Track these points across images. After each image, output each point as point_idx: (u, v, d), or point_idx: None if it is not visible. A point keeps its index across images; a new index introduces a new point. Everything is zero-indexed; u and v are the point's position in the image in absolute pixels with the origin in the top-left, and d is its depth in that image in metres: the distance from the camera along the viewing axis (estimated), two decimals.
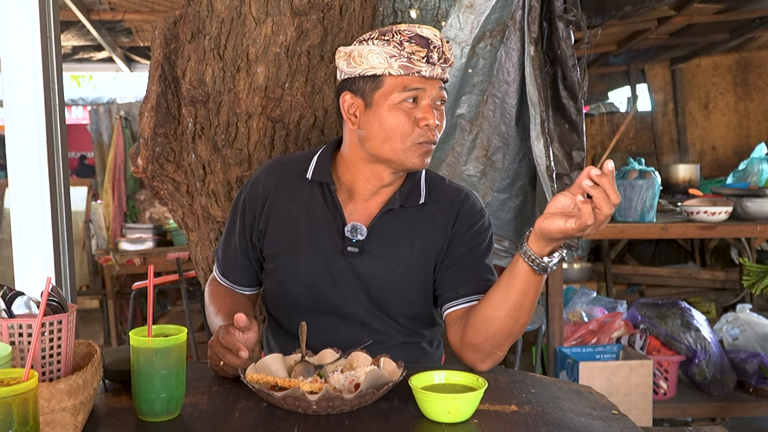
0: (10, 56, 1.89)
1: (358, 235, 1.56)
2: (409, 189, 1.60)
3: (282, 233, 1.61)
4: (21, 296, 1.17)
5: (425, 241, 1.59)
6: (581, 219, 1.23)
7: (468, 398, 1.17)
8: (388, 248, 1.57)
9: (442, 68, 1.48)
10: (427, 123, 1.48)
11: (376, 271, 1.56)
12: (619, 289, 5.66)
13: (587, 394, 1.36)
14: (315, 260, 1.58)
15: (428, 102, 1.48)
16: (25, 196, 1.92)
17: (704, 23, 5.29)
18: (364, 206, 1.60)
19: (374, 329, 1.59)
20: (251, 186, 1.66)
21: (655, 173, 3.36)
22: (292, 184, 1.63)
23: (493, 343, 1.44)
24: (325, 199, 1.60)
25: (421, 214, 1.60)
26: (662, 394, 3.38)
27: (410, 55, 1.45)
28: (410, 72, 1.46)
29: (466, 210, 1.62)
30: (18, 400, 0.91)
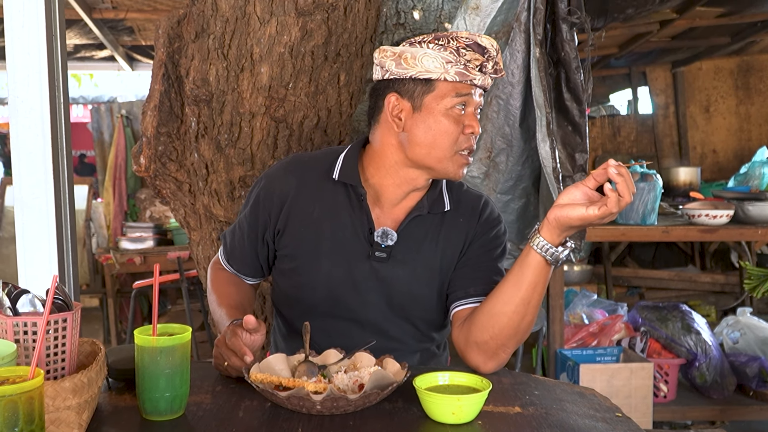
0: (16, 54, 1.89)
1: (389, 240, 1.54)
2: (435, 195, 1.60)
3: (302, 234, 1.57)
4: (26, 294, 1.17)
5: (447, 245, 1.59)
6: (607, 206, 1.28)
7: (472, 399, 1.17)
8: (413, 253, 1.56)
9: (491, 78, 1.49)
10: (472, 130, 1.48)
11: (402, 276, 1.55)
12: (619, 292, 5.66)
13: (590, 396, 1.36)
14: (337, 264, 1.55)
15: (472, 110, 1.49)
16: (28, 194, 1.92)
17: (706, 26, 5.29)
18: (391, 211, 1.58)
19: (391, 336, 1.58)
20: (267, 182, 1.62)
21: (656, 176, 3.36)
22: (315, 184, 1.58)
23: (498, 342, 1.43)
24: (350, 202, 1.56)
25: (444, 219, 1.60)
26: (662, 397, 3.38)
27: (467, 62, 1.45)
28: (465, 79, 1.45)
29: (486, 216, 1.63)
30: (24, 398, 0.91)
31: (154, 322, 1.19)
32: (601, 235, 3.35)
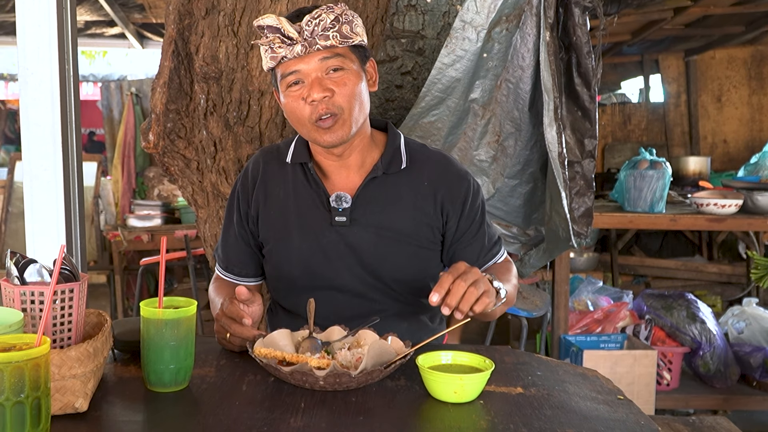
0: (26, 27, 1.89)
1: (343, 203, 1.59)
2: (390, 156, 1.62)
3: (272, 217, 1.65)
4: (33, 264, 1.18)
5: (414, 208, 1.61)
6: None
7: (474, 379, 1.18)
8: (376, 216, 1.60)
9: (303, 44, 1.45)
10: (311, 99, 1.48)
11: (367, 238, 1.59)
12: (625, 280, 5.65)
13: (593, 378, 1.36)
14: (306, 238, 1.61)
15: (313, 77, 1.48)
16: (38, 167, 1.92)
17: (720, 15, 5.23)
18: (347, 178, 1.62)
19: (371, 299, 1.62)
20: (242, 176, 1.72)
21: (666, 164, 3.35)
22: (277, 170, 1.67)
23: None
24: (306, 179, 1.64)
25: (407, 181, 1.62)
26: (665, 385, 3.38)
27: (271, 44, 1.47)
28: (277, 59, 1.48)
29: (452, 175, 1.65)
30: (30, 364, 0.92)
31: (160, 294, 1.20)
32: (608, 223, 3.34)
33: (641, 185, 3.30)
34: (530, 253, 2.92)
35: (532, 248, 2.94)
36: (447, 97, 2.49)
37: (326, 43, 1.46)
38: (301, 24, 1.45)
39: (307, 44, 1.45)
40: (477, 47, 2.44)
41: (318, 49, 1.46)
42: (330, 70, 1.48)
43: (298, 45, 1.45)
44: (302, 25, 1.45)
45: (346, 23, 1.48)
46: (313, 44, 1.45)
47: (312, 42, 1.45)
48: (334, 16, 1.45)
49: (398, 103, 2.80)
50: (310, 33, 1.45)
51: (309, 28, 1.44)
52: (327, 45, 1.46)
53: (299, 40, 1.45)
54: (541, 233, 2.91)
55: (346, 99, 1.49)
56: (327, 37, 1.45)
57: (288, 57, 1.46)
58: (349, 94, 1.49)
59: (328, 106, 1.48)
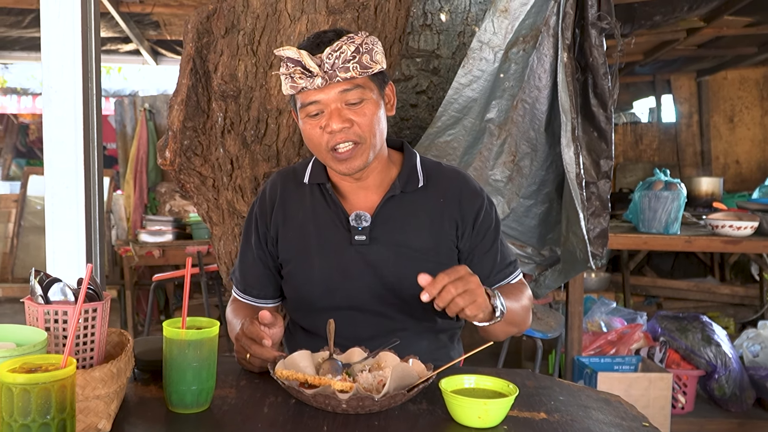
0: (51, 44, 1.90)
1: (363, 222, 1.59)
2: (407, 174, 1.63)
3: (292, 238, 1.65)
4: (57, 283, 1.17)
5: (432, 226, 1.62)
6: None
7: (499, 404, 1.17)
8: (395, 234, 1.60)
9: (323, 77, 1.45)
10: (330, 129, 1.48)
11: (387, 256, 1.59)
12: (637, 301, 5.62)
13: (616, 404, 1.34)
14: (326, 257, 1.61)
15: (333, 107, 1.48)
16: (59, 185, 1.93)
17: (733, 36, 5.24)
18: (366, 198, 1.63)
19: (391, 318, 1.62)
20: (260, 199, 1.73)
21: (680, 185, 3.34)
22: (295, 191, 1.68)
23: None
24: (325, 199, 1.64)
25: (424, 199, 1.63)
26: (680, 409, 3.35)
27: (291, 74, 1.48)
28: (297, 89, 1.49)
29: (467, 194, 1.66)
30: (57, 386, 0.91)
31: (183, 315, 1.19)
32: (623, 243, 3.33)
33: (656, 206, 3.28)
34: (545, 274, 2.91)
35: (547, 269, 2.92)
36: (463, 116, 2.49)
37: (346, 75, 1.46)
38: (322, 56, 1.45)
39: (328, 77, 1.45)
40: (494, 67, 2.44)
41: (338, 81, 1.46)
42: (353, 101, 1.49)
43: (318, 78, 1.45)
44: (323, 58, 1.45)
45: (366, 52, 1.47)
46: (333, 77, 1.45)
47: (332, 75, 1.45)
48: (355, 47, 1.46)
49: (413, 122, 2.81)
50: (330, 66, 1.45)
51: (329, 61, 1.45)
52: (347, 77, 1.46)
53: (319, 74, 1.45)
54: (556, 254, 2.90)
55: (365, 129, 1.50)
56: (347, 69, 1.45)
57: (308, 88, 1.47)
58: (368, 124, 1.50)
59: (347, 135, 1.49)
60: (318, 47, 1.47)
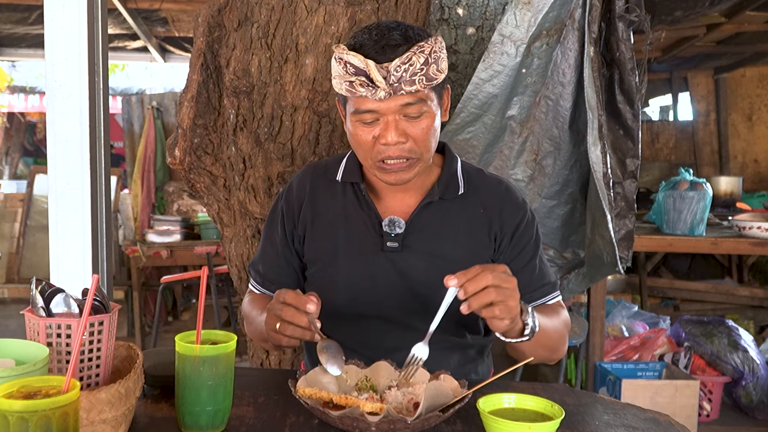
0: (55, 36, 1.79)
1: (396, 228, 1.50)
2: (447, 180, 1.53)
3: (319, 238, 1.56)
4: (60, 293, 1.08)
5: (469, 237, 1.52)
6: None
7: (545, 428, 1.06)
8: (429, 243, 1.50)
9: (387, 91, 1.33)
10: (385, 141, 1.37)
11: (419, 266, 1.49)
12: (653, 303, 5.50)
13: (666, 424, 1.24)
14: (354, 262, 1.52)
15: (391, 117, 1.37)
16: (64, 184, 1.83)
17: (753, 32, 5.13)
18: (401, 201, 1.53)
19: (419, 330, 1.49)
20: (286, 193, 1.62)
21: (706, 185, 3.23)
22: (325, 189, 1.59)
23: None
24: (357, 200, 1.55)
25: (463, 208, 1.53)
26: (705, 416, 3.24)
27: (350, 80, 1.35)
28: (355, 95, 1.36)
29: (510, 205, 1.55)
30: (58, 413, 0.82)
31: (198, 329, 1.09)
32: (647, 246, 3.22)
33: (681, 207, 3.17)
34: (569, 278, 2.80)
35: (570, 272, 2.82)
36: (483, 113, 2.40)
37: (411, 88, 1.34)
38: (389, 68, 1.32)
39: (392, 90, 1.33)
40: (516, 62, 2.34)
41: (402, 94, 1.34)
42: (409, 115, 1.38)
43: (381, 91, 1.33)
44: (390, 69, 1.32)
45: (434, 62, 1.35)
46: (398, 90, 1.33)
47: (397, 88, 1.33)
48: (424, 58, 1.34)
49: None
50: (396, 79, 1.33)
51: (397, 74, 1.32)
52: (411, 90, 1.34)
53: (384, 87, 1.33)
54: (579, 256, 2.79)
55: (420, 144, 1.40)
56: (413, 82, 1.34)
57: (368, 97, 1.35)
58: (424, 139, 1.40)
59: (401, 151, 1.38)
60: (384, 54, 1.34)
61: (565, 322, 1.53)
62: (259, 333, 1.54)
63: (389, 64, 1.33)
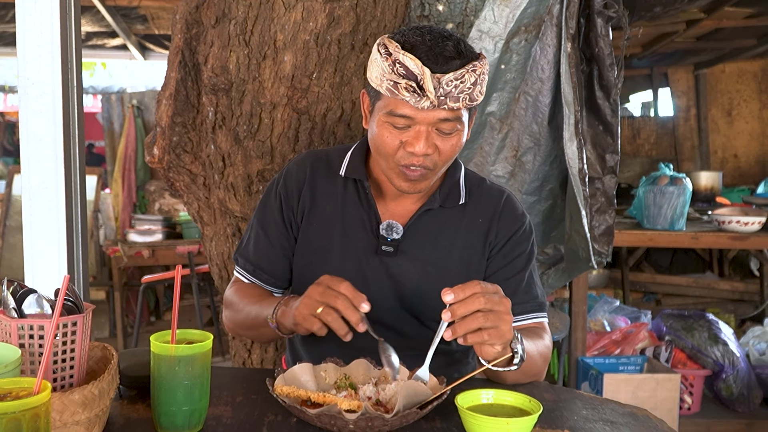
0: (27, 33, 1.76)
1: (393, 233, 1.48)
2: (448, 188, 1.52)
3: (315, 231, 1.54)
4: (32, 294, 1.06)
5: (464, 246, 1.51)
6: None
7: (523, 423, 1.06)
8: (425, 249, 1.49)
9: (432, 102, 1.30)
10: (412, 150, 1.35)
11: (411, 272, 1.48)
12: (636, 297, 5.54)
13: (644, 418, 1.24)
14: (347, 260, 1.50)
15: (424, 127, 1.34)
16: (38, 183, 1.80)
17: (732, 28, 5.17)
18: (402, 205, 1.52)
19: (405, 335, 1.50)
20: (285, 178, 1.58)
21: (686, 180, 3.25)
22: (326, 181, 1.55)
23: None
24: (359, 197, 1.52)
25: (462, 217, 1.52)
26: (686, 409, 3.27)
27: (396, 81, 1.31)
28: (396, 97, 1.32)
29: (507, 215, 1.53)
30: (28, 415, 0.80)
31: (173, 328, 1.08)
32: (628, 241, 3.24)
33: (661, 202, 3.19)
34: (549, 273, 2.81)
35: (551, 267, 2.83)
36: None
37: (454, 105, 1.31)
38: (442, 80, 1.29)
39: (436, 103, 1.30)
40: (494, 58, 2.35)
41: (444, 108, 1.32)
42: (444, 126, 1.35)
43: (427, 101, 1.30)
44: (442, 82, 1.29)
45: (479, 84, 1.34)
46: (442, 104, 1.31)
47: (442, 102, 1.30)
48: (474, 79, 1.31)
49: None
50: (445, 93, 1.30)
51: (447, 88, 1.29)
52: (454, 107, 1.32)
53: (432, 98, 1.30)
54: (560, 252, 2.80)
55: (444, 159, 1.39)
56: (457, 99, 1.31)
57: (410, 103, 1.31)
58: (449, 155, 1.39)
59: (425, 161, 1.36)
60: (438, 64, 1.30)
61: (548, 346, 1.50)
62: (244, 322, 1.52)
63: (442, 76, 1.29)
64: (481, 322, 1.16)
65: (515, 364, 1.26)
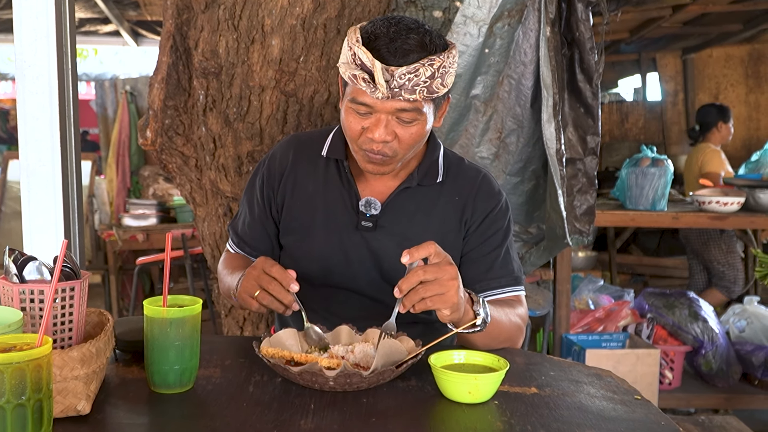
0: (23, 17, 1.83)
1: (372, 209, 1.55)
2: (426, 167, 1.58)
3: (298, 209, 1.60)
4: (33, 261, 1.13)
5: (441, 222, 1.58)
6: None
7: (489, 379, 1.14)
8: (402, 225, 1.56)
9: (387, 94, 1.33)
10: (371, 136, 1.40)
11: (390, 246, 1.54)
12: (623, 279, 5.63)
13: (608, 379, 1.33)
14: (328, 236, 1.57)
15: (384, 116, 1.39)
16: (35, 162, 1.88)
17: (718, 13, 5.23)
18: (381, 183, 1.58)
19: (387, 305, 1.56)
20: (269, 160, 1.66)
21: (667, 161, 3.33)
22: (309, 161, 1.62)
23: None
24: (340, 176, 1.59)
25: (439, 195, 1.58)
26: (667, 384, 3.36)
27: (356, 72, 1.35)
28: (356, 85, 1.37)
29: (484, 193, 1.60)
30: (31, 365, 0.88)
31: (165, 292, 1.16)
32: (609, 220, 3.32)
33: (643, 183, 3.27)
34: (531, 251, 2.89)
35: (534, 246, 2.91)
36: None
37: (410, 96, 1.35)
38: (395, 73, 1.32)
39: (391, 94, 1.34)
40: (478, 42, 2.41)
41: (399, 99, 1.36)
42: (404, 115, 1.39)
43: (380, 93, 1.34)
44: (394, 75, 1.32)
45: (439, 77, 1.36)
46: (397, 95, 1.35)
47: (396, 93, 1.34)
48: (431, 72, 1.34)
49: None
50: (399, 85, 1.33)
51: (400, 81, 1.33)
52: (410, 98, 1.35)
53: (384, 91, 1.33)
54: (543, 231, 2.88)
55: (405, 147, 1.43)
56: (413, 92, 1.35)
57: (367, 92, 1.36)
58: (410, 143, 1.43)
59: (384, 148, 1.42)
60: (394, 57, 1.33)
61: (521, 316, 1.54)
62: (225, 290, 1.62)
63: (395, 69, 1.32)
64: (422, 293, 1.22)
65: (478, 326, 1.33)
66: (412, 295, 1.23)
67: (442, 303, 1.23)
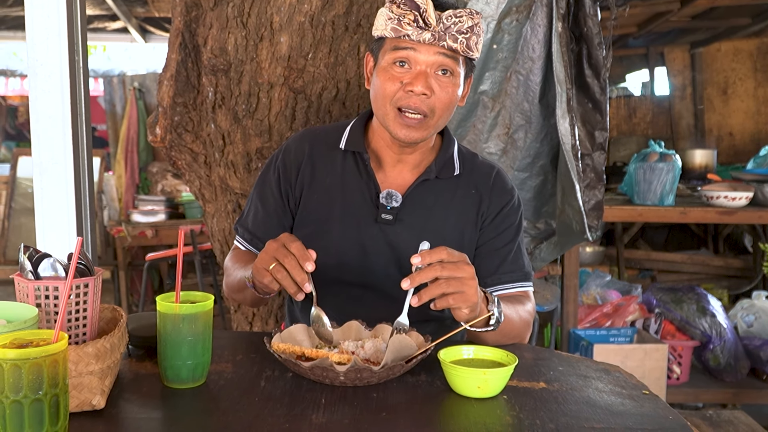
0: (35, 16, 1.85)
1: (393, 201, 1.55)
2: (443, 161, 1.59)
3: (315, 202, 1.60)
4: (48, 258, 1.15)
5: (459, 215, 1.59)
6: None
7: (498, 374, 1.15)
8: (422, 218, 1.57)
9: (433, 35, 1.41)
10: (411, 88, 1.43)
11: (409, 240, 1.53)
12: (631, 274, 5.62)
13: (616, 374, 1.34)
14: (346, 229, 1.57)
15: (423, 68, 1.44)
16: (48, 160, 1.90)
17: (727, 7, 5.20)
18: (400, 175, 1.59)
19: (401, 302, 1.56)
20: (284, 154, 1.65)
21: (675, 156, 3.32)
22: (326, 154, 1.62)
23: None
24: (358, 169, 1.59)
25: (456, 188, 1.60)
26: (675, 379, 3.36)
27: (400, 17, 1.42)
28: (399, 34, 1.43)
29: (499, 188, 1.62)
30: (48, 361, 0.89)
31: (177, 288, 1.17)
32: (618, 216, 3.31)
33: (651, 178, 3.27)
34: (541, 247, 2.90)
35: (542, 242, 2.91)
36: None
37: (453, 44, 1.42)
38: (442, 15, 1.41)
39: (437, 37, 1.41)
40: (487, 38, 2.41)
41: (443, 45, 1.42)
42: (440, 70, 1.45)
43: (428, 34, 1.41)
44: (442, 17, 1.41)
45: (476, 35, 1.44)
46: (442, 39, 1.41)
47: (442, 37, 1.41)
48: (471, 24, 1.43)
49: None
50: (444, 28, 1.41)
51: (447, 23, 1.41)
52: (453, 47, 1.42)
53: (432, 30, 1.41)
54: (551, 227, 2.89)
55: (441, 104, 1.46)
56: (456, 39, 1.42)
57: (412, 38, 1.42)
58: (446, 101, 1.47)
59: (422, 104, 1.44)
60: (440, 4, 1.44)
61: (530, 312, 1.57)
62: (234, 285, 1.60)
63: (442, 13, 1.41)
64: (444, 288, 1.24)
65: (492, 325, 1.34)
66: (433, 288, 1.24)
67: (463, 301, 1.25)
